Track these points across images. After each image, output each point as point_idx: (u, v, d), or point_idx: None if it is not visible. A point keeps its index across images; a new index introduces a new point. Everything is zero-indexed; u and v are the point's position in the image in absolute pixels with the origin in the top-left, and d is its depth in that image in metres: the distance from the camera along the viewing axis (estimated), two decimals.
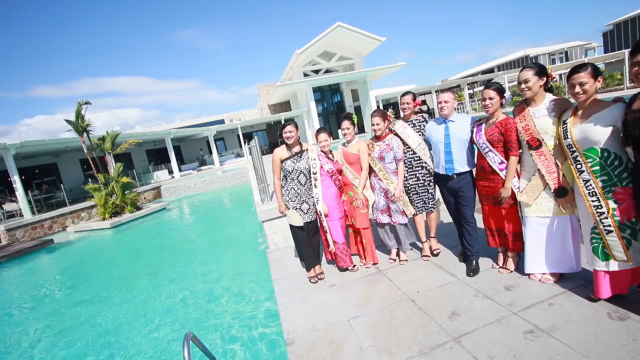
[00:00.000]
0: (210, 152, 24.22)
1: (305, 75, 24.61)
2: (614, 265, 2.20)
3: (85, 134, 12.15)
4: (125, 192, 12.36)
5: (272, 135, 30.08)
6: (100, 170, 12.39)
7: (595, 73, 2.12)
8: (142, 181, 18.62)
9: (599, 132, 2.08)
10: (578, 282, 2.59)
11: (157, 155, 25.18)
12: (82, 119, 11.89)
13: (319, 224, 3.52)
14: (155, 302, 4.67)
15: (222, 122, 31.03)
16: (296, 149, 3.43)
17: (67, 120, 11.92)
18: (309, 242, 3.50)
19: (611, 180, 2.11)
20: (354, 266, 3.58)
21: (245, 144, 21.49)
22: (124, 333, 3.98)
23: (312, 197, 3.41)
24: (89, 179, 13.92)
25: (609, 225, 2.15)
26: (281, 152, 3.43)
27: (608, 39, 32.02)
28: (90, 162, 12.35)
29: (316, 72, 25.07)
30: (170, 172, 20.73)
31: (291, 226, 3.47)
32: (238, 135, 24.80)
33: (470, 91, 28.95)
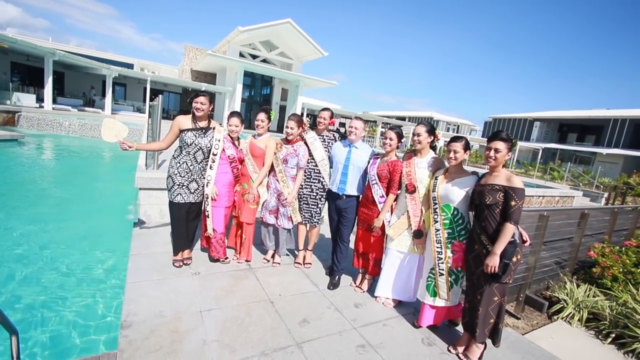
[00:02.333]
0: (104, 95, 20.50)
1: (242, 55, 23.43)
2: (438, 302, 2.70)
3: None
4: None
5: (185, 103, 27.35)
6: None
7: (467, 146, 2.62)
8: None
9: (456, 194, 2.55)
10: (410, 309, 3.07)
11: (28, 74, 20.01)
12: None
13: (202, 208, 3.31)
14: None
15: (130, 66, 26.75)
16: (203, 123, 3.19)
17: None
18: (186, 224, 3.25)
19: (453, 234, 2.60)
20: (226, 258, 3.47)
21: (150, 100, 18.94)
22: None
23: (204, 177, 3.20)
24: None
25: (443, 269, 2.63)
26: (185, 120, 3.13)
27: (487, 127, 40.27)
28: None
29: (253, 57, 24.16)
30: (40, 99, 16.66)
31: (171, 203, 3.17)
32: (145, 88, 21.73)
33: (383, 129, 32.24)
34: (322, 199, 3.52)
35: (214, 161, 3.20)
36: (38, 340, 2.45)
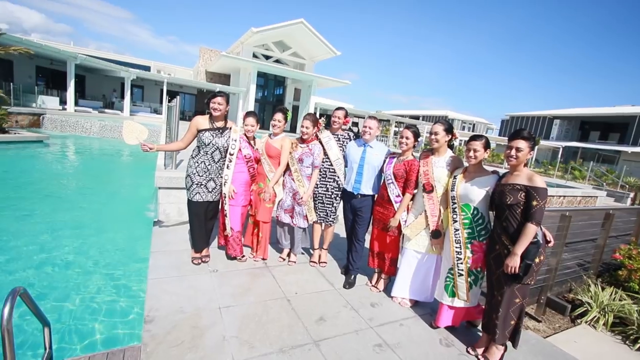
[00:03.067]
0: (123, 97, 21.08)
1: (255, 56, 23.66)
2: (457, 302, 2.66)
3: None
4: None
5: (201, 103, 27.82)
6: None
7: (487, 145, 2.57)
8: (19, 100, 15.09)
9: (476, 193, 2.51)
10: (427, 310, 3.04)
11: (51, 78, 20.77)
12: None
13: (220, 207, 3.37)
14: None
15: (147, 68, 27.43)
16: (220, 123, 3.24)
17: None
18: (204, 223, 3.32)
19: (473, 234, 2.55)
20: (243, 256, 3.52)
21: (167, 101, 19.39)
22: None
23: (222, 177, 3.26)
24: None
25: (462, 270, 2.59)
26: (203, 121, 3.20)
27: (504, 125, 39.31)
28: None
29: (266, 57, 24.36)
30: (63, 102, 17.29)
31: (190, 202, 3.24)
32: (162, 90, 22.23)
33: (397, 129, 31.93)
34: (337, 198, 3.52)
35: (230, 161, 3.25)
36: (66, 333, 2.55)
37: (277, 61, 24.75)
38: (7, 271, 3.35)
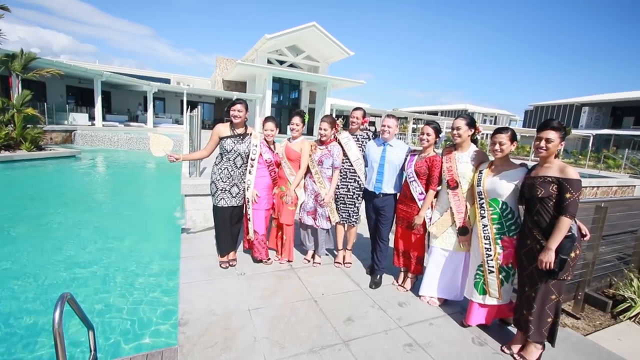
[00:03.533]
0: (145, 110, 21.96)
1: (269, 62, 24.03)
2: (489, 300, 2.59)
3: None
4: (27, 126, 10.49)
5: (219, 111, 28.52)
6: None
7: (513, 137, 2.49)
8: (52, 119, 16.02)
9: (504, 187, 2.44)
10: (457, 308, 2.97)
11: (80, 96, 21.95)
12: None
13: (244, 211, 3.45)
14: (37, 257, 4.03)
15: (167, 81, 28.44)
16: (240, 130, 3.32)
17: None
18: (230, 227, 3.40)
19: (503, 229, 2.48)
20: (269, 259, 3.58)
21: (187, 111, 20.03)
22: None
23: (245, 182, 3.34)
24: None
25: (492, 267, 2.52)
26: (224, 128, 3.29)
27: (528, 116, 37.82)
28: None
29: (280, 62, 24.67)
30: (92, 118, 18.22)
31: (215, 207, 3.33)
32: (182, 101, 22.98)
33: (414, 126, 31.43)
34: (358, 198, 3.51)
35: (252, 166, 3.32)
36: (106, 335, 2.69)
37: (292, 65, 25.00)
38: (53, 276, 3.57)
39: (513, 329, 2.65)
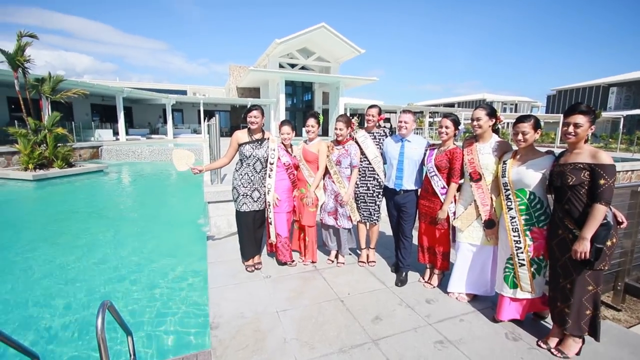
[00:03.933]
0: (165, 122, 22.70)
1: (281, 66, 24.27)
2: (520, 294, 2.50)
3: (20, 70, 10.68)
4: (58, 144, 11.08)
5: (235, 118, 29.08)
6: (31, 114, 10.95)
7: (537, 125, 2.40)
8: (80, 137, 16.82)
9: (531, 177, 2.36)
10: (487, 304, 2.90)
11: (104, 113, 22.95)
12: (22, 53, 10.44)
13: (266, 215, 3.50)
14: (74, 268, 4.26)
15: (184, 93, 29.32)
16: (258, 135, 3.38)
17: (1, 50, 10.38)
18: (253, 231, 3.46)
19: (531, 220, 2.40)
20: (293, 261, 3.62)
21: (205, 121, 20.53)
22: (36, 297, 3.57)
23: (265, 186, 3.39)
24: (16, 122, 12.25)
25: (523, 259, 2.44)
26: (242, 135, 3.36)
27: (550, 101, 36.28)
28: (21, 102, 10.87)
29: (292, 66, 24.87)
30: (116, 133, 19.01)
31: (238, 212, 3.41)
32: (199, 111, 23.59)
33: (431, 119, 30.83)
34: (379, 196, 3.49)
35: (271, 170, 3.37)
36: (141, 341, 2.80)
37: (303, 68, 25.15)
38: (93, 284, 3.77)
39: (548, 323, 2.55)
